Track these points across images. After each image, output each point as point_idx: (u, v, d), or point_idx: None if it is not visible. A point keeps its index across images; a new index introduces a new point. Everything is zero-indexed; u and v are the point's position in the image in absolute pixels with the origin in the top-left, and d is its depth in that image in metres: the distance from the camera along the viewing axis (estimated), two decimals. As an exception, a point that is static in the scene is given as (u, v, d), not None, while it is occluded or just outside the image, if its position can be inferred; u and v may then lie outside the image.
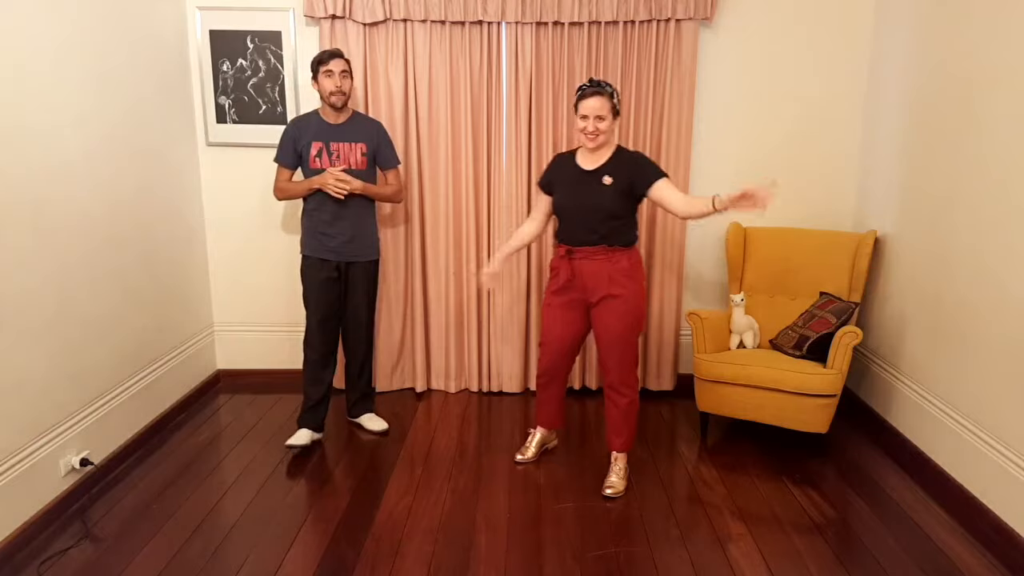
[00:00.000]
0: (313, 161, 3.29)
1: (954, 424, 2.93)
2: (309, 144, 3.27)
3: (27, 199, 2.62)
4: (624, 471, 3.08)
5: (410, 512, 2.88)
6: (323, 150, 3.28)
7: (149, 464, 3.26)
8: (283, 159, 3.35)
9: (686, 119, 3.76)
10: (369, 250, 3.43)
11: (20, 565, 2.52)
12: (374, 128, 3.37)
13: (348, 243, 3.34)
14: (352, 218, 3.32)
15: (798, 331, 3.50)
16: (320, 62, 3.20)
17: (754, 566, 2.53)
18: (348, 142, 3.29)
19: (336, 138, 3.28)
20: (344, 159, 3.29)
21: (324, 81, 3.21)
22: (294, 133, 3.32)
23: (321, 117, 3.31)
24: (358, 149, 3.31)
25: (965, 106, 2.92)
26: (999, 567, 2.54)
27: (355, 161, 3.31)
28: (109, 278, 3.14)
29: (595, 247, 2.92)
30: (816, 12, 3.72)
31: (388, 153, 3.41)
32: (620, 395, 3.02)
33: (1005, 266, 2.65)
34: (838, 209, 3.92)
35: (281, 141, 3.34)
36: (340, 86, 3.20)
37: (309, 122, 3.32)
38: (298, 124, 3.34)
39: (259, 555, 2.59)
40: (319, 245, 3.33)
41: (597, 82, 2.85)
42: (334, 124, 3.29)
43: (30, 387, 2.67)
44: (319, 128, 3.29)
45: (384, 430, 3.59)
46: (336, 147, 3.28)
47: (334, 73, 3.19)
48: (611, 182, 2.90)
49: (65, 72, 2.84)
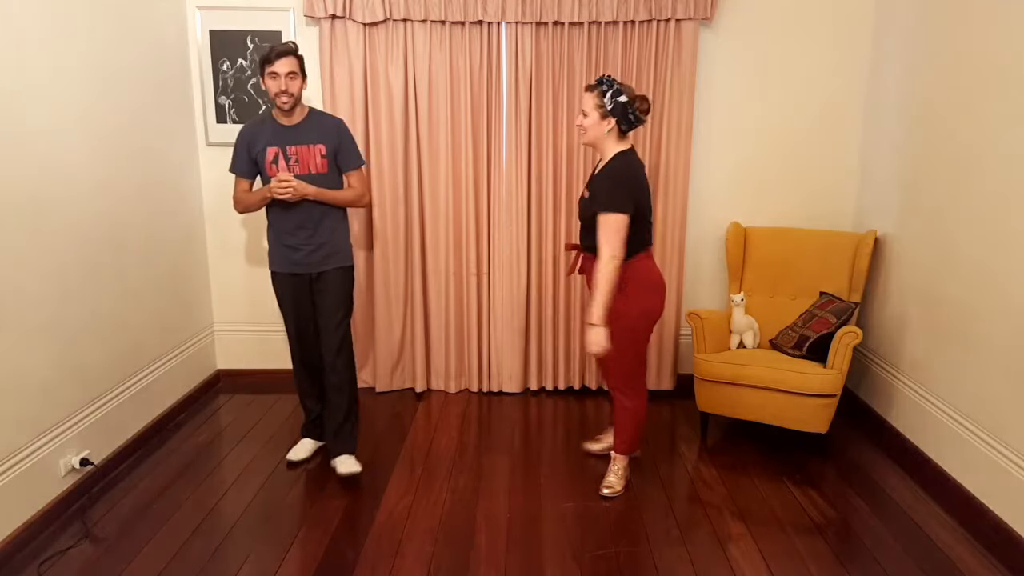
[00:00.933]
0: (270, 168, 2.98)
1: (954, 424, 2.93)
2: (264, 150, 2.97)
3: (27, 199, 2.62)
4: (622, 472, 3.07)
5: (410, 512, 2.88)
6: (279, 155, 2.97)
7: (149, 464, 3.26)
8: (238, 168, 3.06)
9: (686, 119, 3.76)
10: (339, 256, 3.11)
11: (20, 565, 2.52)
12: (333, 127, 3.05)
13: (315, 252, 3.05)
14: (316, 225, 3.03)
15: (798, 331, 3.49)
16: (265, 61, 2.87)
17: (754, 566, 2.53)
18: (306, 144, 2.98)
19: (292, 141, 2.97)
20: (304, 164, 2.98)
21: (268, 83, 2.89)
22: (247, 138, 3.02)
23: (275, 119, 3.00)
24: (317, 151, 2.99)
25: (965, 106, 2.92)
26: (999, 567, 2.54)
27: (315, 165, 2.99)
28: (109, 278, 3.14)
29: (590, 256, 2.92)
30: (816, 12, 3.72)
31: (349, 152, 3.07)
32: (617, 397, 3.04)
33: (1005, 266, 2.65)
34: (838, 209, 3.92)
35: (234, 148, 3.06)
36: (286, 88, 2.88)
37: (263, 125, 3.01)
38: (251, 128, 3.03)
39: (259, 555, 2.59)
40: (285, 259, 3.07)
41: (599, 79, 2.79)
42: (289, 126, 2.98)
43: (30, 387, 2.67)
44: (273, 131, 2.98)
45: (354, 473, 3.11)
46: (294, 151, 2.97)
47: (279, 76, 2.86)
48: (587, 196, 2.87)
49: (65, 72, 2.84)
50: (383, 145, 3.79)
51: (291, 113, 2.97)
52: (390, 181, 3.84)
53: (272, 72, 2.87)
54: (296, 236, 3.03)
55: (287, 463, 3.25)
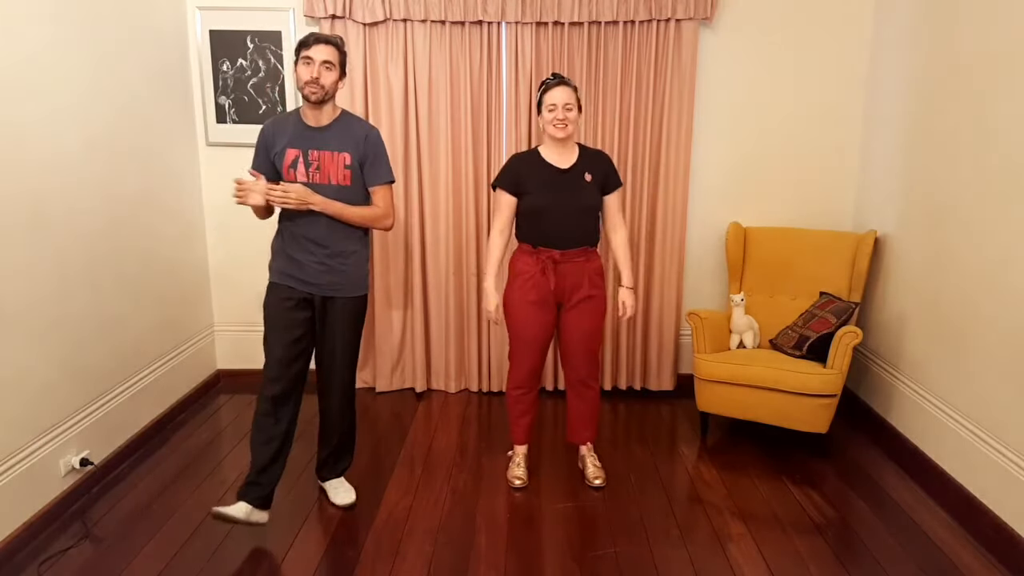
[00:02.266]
0: (288, 173, 2.64)
1: (954, 424, 2.93)
2: (284, 151, 2.64)
3: (27, 199, 2.62)
4: (598, 458, 3.18)
5: (410, 512, 2.88)
6: (299, 159, 2.63)
7: (149, 464, 3.26)
8: (258, 166, 2.71)
9: (686, 119, 3.76)
10: (352, 284, 2.74)
11: (20, 565, 2.52)
12: (363, 134, 2.67)
13: (325, 273, 2.67)
14: (328, 239, 2.65)
15: (798, 331, 3.50)
16: (302, 45, 2.57)
17: (754, 566, 2.53)
18: (331, 150, 2.63)
19: (316, 144, 2.62)
20: (324, 172, 2.64)
21: (300, 70, 2.56)
22: (268, 136, 2.69)
23: (300, 118, 2.66)
24: (341, 160, 2.63)
25: (965, 106, 2.92)
26: (999, 567, 2.54)
27: (337, 175, 2.64)
28: (109, 278, 3.14)
29: (577, 249, 2.91)
30: (816, 12, 3.72)
31: (376, 166, 2.69)
32: (588, 388, 3.07)
33: (1005, 266, 2.65)
34: (838, 209, 3.92)
35: (256, 145, 2.73)
36: (317, 76, 2.54)
37: (286, 123, 2.68)
38: (273, 126, 2.70)
39: (259, 555, 2.59)
40: (288, 272, 2.68)
41: (561, 75, 2.87)
42: (315, 127, 2.64)
43: (30, 387, 2.67)
44: (296, 131, 2.64)
45: (350, 504, 2.88)
46: (315, 156, 2.62)
47: (314, 61, 2.54)
48: (591, 179, 2.91)
49: (64, 71, 2.84)
50: (383, 145, 3.80)
51: (320, 111, 2.62)
52: (390, 181, 3.84)
53: (307, 57, 2.55)
54: (306, 250, 2.66)
55: (214, 512, 2.56)
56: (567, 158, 2.91)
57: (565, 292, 2.93)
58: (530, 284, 2.91)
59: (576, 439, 3.18)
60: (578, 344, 2.98)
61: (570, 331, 2.98)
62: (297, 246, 2.67)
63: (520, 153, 3.03)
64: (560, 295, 2.94)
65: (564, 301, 2.96)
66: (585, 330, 2.97)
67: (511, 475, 3.10)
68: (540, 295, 2.91)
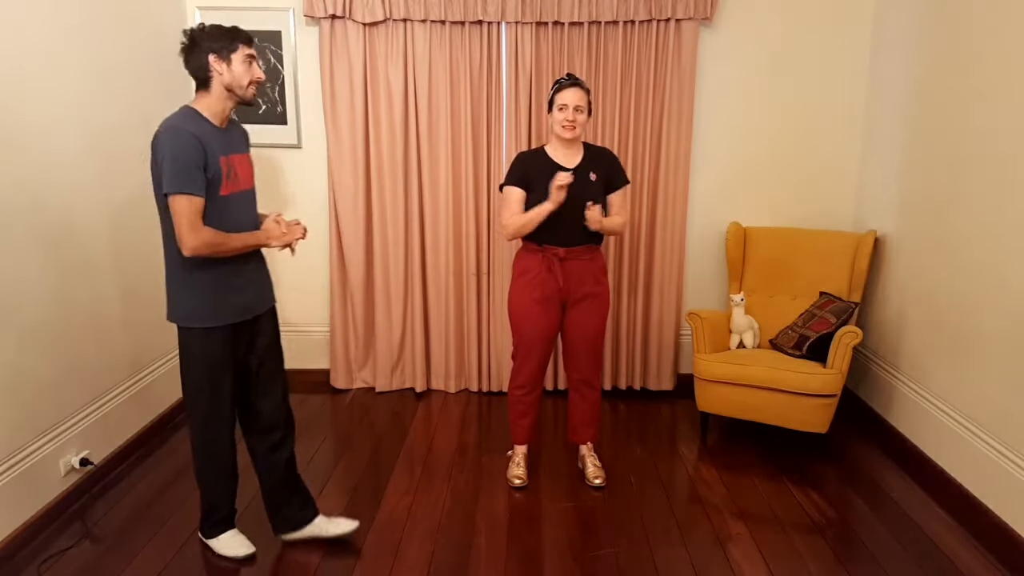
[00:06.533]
0: (226, 185, 2.32)
1: (954, 424, 2.93)
2: (216, 159, 2.28)
3: (26, 198, 2.62)
4: (598, 458, 3.18)
5: (410, 512, 2.88)
6: (229, 168, 2.34)
7: (149, 464, 3.26)
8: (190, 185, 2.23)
9: (686, 119, 3.76)
10: (272, 289, 2.58)
11: (20, 565, 2.52)
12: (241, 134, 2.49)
13: (259, 283, 2.48)
14: (256, 253, 2.46)
15: (798, 331, 3.50)
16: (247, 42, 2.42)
17: (754, 566, 2.54)
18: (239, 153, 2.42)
19: (227, 149, 2.35)
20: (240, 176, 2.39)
21: (254, 67, 2.41)
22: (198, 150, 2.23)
23: (207, 120, 2.33)
24: (246, 161, 2.45)
25: (965, 106, 2.92)
26: (999, 567, 2.54)
27: (245, 177, 2.42)
28: (109, 278, 3.14)
29: (582, 247, 2.92)
30: (816, 12, 3.72)
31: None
32: (592, 388, 3.08)
33: (1005, 265, 2.65)
34: (838, 209, 3.92)
35: (184, 161, 2.21)
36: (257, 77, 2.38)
37: (201, 128, 2.28)
38: (197, 135, 2.24)
39: (259, 555, 2.59)
40: (229, 306, 2.35)
41: (576, 77, 2.87)
42: (219, 128, 2.35)
43: (30, 387, 2.67)
44: (211, 135, 2.29)
45: (350, 532, 2.66)
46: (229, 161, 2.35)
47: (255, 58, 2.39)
48: (596, 178, 2.91)
49: (64, 71, 2.84)
50: (383, 145, 3.79)
51: (224, 113, 2.37)
52: (390, 181, 3.84)
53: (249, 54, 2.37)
54: (246, 269, 2.39)
55: (242, 559, 2.56)
56: (573, 157, 2.92)
57: (570, 290, 2.94)
58: (535, 282, 2.92)
59: (577, 439, 3.18)
60: (582, 342, 2.99)
61: (575, 329, 2.99)
62: (233, 272, 2.35)
63: (526, 151, 3.05)
64: (565, 293, 2.95)
65: (568, 299, 2.96)
66: (590, 328, 2.97)
67: (511, 475, 3.10)
68: (545, 293, 2.92)
